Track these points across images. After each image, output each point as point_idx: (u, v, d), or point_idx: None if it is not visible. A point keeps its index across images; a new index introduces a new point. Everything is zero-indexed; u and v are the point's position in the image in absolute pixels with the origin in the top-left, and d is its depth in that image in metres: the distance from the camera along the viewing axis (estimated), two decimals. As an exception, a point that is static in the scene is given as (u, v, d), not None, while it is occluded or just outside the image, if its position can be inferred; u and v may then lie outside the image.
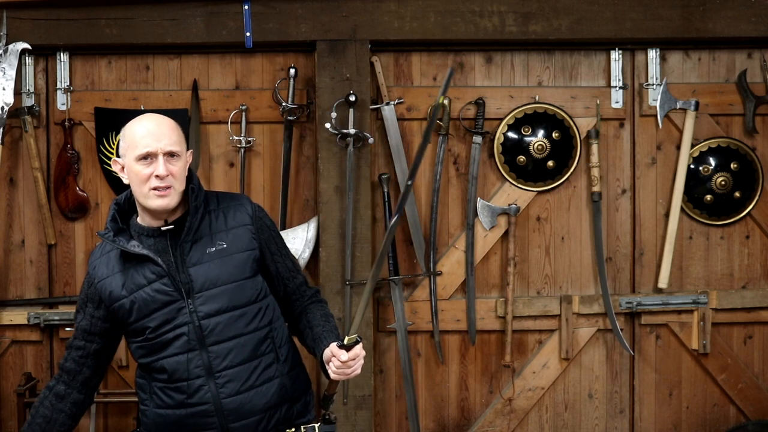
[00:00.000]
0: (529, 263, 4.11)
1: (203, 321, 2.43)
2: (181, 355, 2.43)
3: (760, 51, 4.11)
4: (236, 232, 2.51)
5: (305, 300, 2.64)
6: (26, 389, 3.79)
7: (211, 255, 2.46)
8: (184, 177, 2.49)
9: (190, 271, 2.44)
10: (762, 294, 4.13)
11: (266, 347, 2.50)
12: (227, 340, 2.44)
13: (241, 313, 2.47)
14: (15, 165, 3.97)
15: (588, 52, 4.08)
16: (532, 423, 4.15)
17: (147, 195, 2.43)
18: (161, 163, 2.41)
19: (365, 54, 3.87)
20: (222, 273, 2.46)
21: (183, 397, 2.44)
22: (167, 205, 2.43)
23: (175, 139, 2.47)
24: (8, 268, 3.99)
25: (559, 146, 4.05)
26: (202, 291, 2.43)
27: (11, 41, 3.78)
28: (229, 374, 2.44)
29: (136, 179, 2.45)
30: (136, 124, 2.50)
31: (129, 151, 2.46)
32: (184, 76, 4.02)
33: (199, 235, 2.48)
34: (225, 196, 2.63)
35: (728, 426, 4.16)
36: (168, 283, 2.43)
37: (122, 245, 2.45)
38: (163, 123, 2.49)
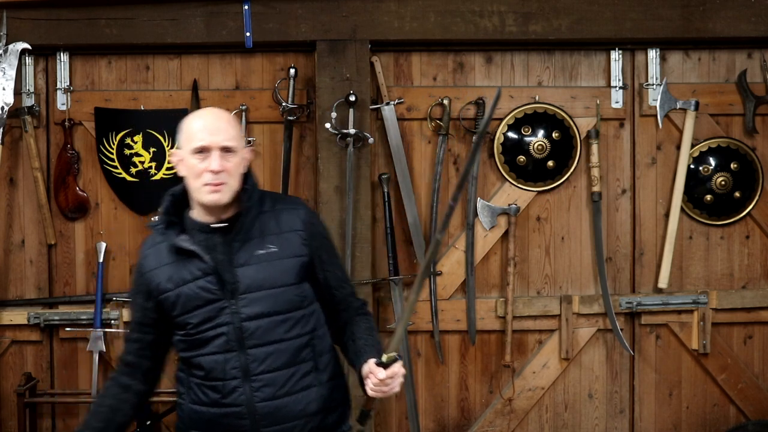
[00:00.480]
0: (529, 263, 4.11)
1: (244, 323, 2.40)
2: (219, 354, 2.41)
3: (760, 51, 4.11)
4: (287, 237, 2.47)
5: (351, 311, 2.59)
6: (26, 389, 3.79)
7: (259, 257, 2.42)
8: (239, 174, 2.43)
9: (237, 271, 2.41)
10: (762, 294, 4.13)
11: (306, 355, 2.47)
12: (267, 344, 2.41)
13: (284, 318, 2.44)
14: (15, 165, 3.97)
15: (588, 52, 4.08)
16: (532, 423, 4.15)
17: (200, 189, 2.40)
18: (215, 158, 2.37)
19: (365, 54, 3.87)
20: (268, 276, 2.42)
21: (218, 396, 2.43)
22: (219, 200, 2.39)
23: (232, 134, 2.43)
24: (8, 268, 3.99)
25: (559, 146, 4.05)
26: (246, 293, 2.40)
27: (11, 41, 3.78)
28: (266, 378, 2.41)
29: (190, 173, 2.41)
30: (195, 117, 2.47)
31: (185, 144, 2.43)
32: (184, 76, 4.02)
33: (249, 235, 2.44)
34: (281, 198, 2.61)
35: (728, 426, 4.16)
36: (213, 282, 2.40)
37: (171, 239, 2.43)
38: (221, 118, 2.45)
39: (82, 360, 4.01)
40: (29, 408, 3.82)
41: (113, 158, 3.97)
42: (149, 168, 3.98)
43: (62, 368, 4.01)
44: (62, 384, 4.01)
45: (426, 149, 4.05)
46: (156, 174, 3.98)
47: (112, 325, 3.93)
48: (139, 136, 3.97)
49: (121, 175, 3.98)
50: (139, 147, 3.97)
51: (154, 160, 3.98)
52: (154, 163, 3.98)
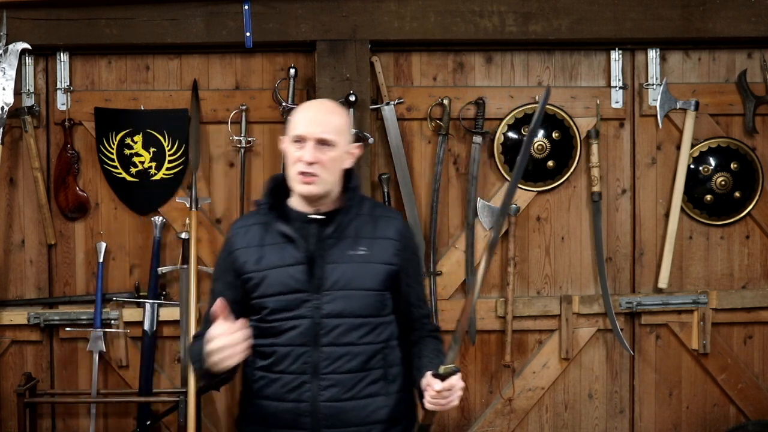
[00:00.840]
0: (529, 263, 4.11)
1: (324, 319, 2.40)
2: (292, 347, 2.40)
3: (760, 51, 4.11)
4: (381, 243, 2.49)
5: (423, 332, 2.61)
6: (26, 389, 3.79)
7: (351, 257, 2.44)
8: (336, 169, 2.44)
9: (327, 267, 2.42)
10: (762, 294, 4.13)
11: (376, 362, 2.47)
12: (341, 345, 2.41)
13: (363, 322, 2.44)
14: (15, 165, 3.97)
15: (588, 52, 4.09)
16: (532, 423, 4.15)
17: (294, 178, 2.43)
18: (309, 148, 2.40)
19: (365, 54, 3.87)
20: (356, 278, 2.43)
21: (283, 390, 2.43)
22: (309, 192, 2.41)
23: (332, 128, 2.43)
24: (8, 268, 3.99)
25: (559, 146, 4.05)
26: (331, 290, 2.41)
27: (11, 41, 3.78)
28: (334, 379, 2.41)
29: (288, 160, 2.45)
30: (302, 106, 2.53)
31: (288, 131, 2.47)
32: (184, 76, 4.02)
33: (344, 234, 2.45)
34: (379, 205, 2.65)
35: (728, 426, 4.16)
36: (303, 272, 2.41)
37: (269, 221, 2.46)
38: (325, 110, 2.48)
39: (82, 360, 4.01)
40: (29, 408, 3.81)
41: (113, 158, 3.96)
42: (149, 168, 3.98)
43: (62, 368, 4.01)
44: (62, 384, 4.01)
45: (426, 149, 4.05)
46: (156, 174, 3.98)
47: (112, 325, 3.93)
48: (139, 136, 3.97)
49: (121, 175, 3.98)
50: (139, 147, 3.97)
51: (154, 160, 3.98)
52: (154, 163, 3.98)
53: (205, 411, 4.00)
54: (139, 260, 4.02)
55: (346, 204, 2.46)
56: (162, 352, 4.02)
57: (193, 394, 3.70)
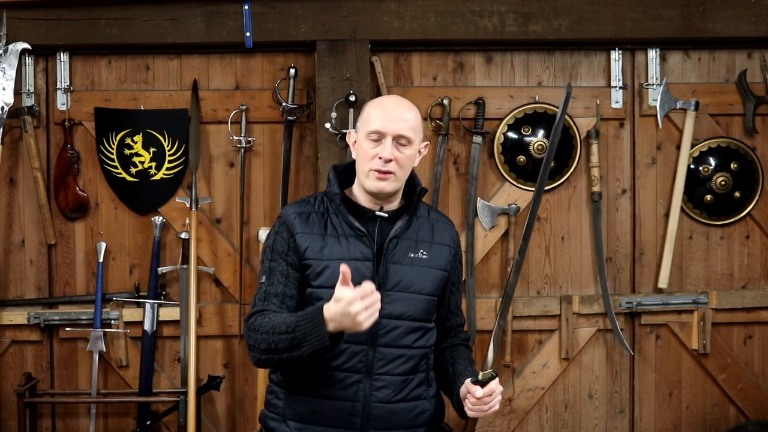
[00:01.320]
0: (529, 263, 4.11)
1: (384, 320, 2.36)
2: (349, 344, 2.35)
3: (760, 51, 4.11)
4: (439, 249, 2.48)
5: (457, 340, 2.62)
6: (26, 389, 3.79)
7: (412, 260, 2.42)
8: (409, 168, 2.44)
9: (390, 266, 2.40)
10: (762, 294, 4.13)
11: (423, 366, 2.47)
12: (397, 347, 2.40)
13: (419, 326, 2.43)
14: (15, 165, 3.97)
15: (588, 52, 4.09)
16: (532, 423, 4.15)
17: (367, 174, 2.39)
18: (388, 145, 2.36)
19: (365, 54, 3.87)
20: (416, 281, 2.42)
21: (334, 388, 2.38)
22: (383, 188, 2.39)
23: (411, 125, 2.41)
24: (8, 268, 3.99)
25: (559, 146, 4.04)
26: (392, 290, 2.39)
27: (11, 41, 3.78)
28: (387, 380, 2.39)
29: (362, 155, 2.41)
30: (377, 100, 2.49)
31: (362, 126, 2.43)
32: (184, 76, 4.02)
33: (406, 236, 2.44)
34: (434, 210, 2.63)
35: (728, 426, 4.16)
36: (370, 268, 2.38)
37: (334, 213, 2.42)
38: (402, 106, 2.44)
39: (82, 360, 4.01)
40: (29, 408, 3.81)
41: (113, 158, 3.96)
42: (149, 168, 3.98)
43: (62, 368, 4.01)
44: (62, 384, 4.01)
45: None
46: (156, 174, 3.98)
47: (112, 325, 3.93)
48: (139, 136, 3.97)
49: (121, 175, 3.98)
50: (139, 147, 3.97)
51: (154, 160, 3.98)
52: (154, 163, 3.98)
53: (205, 411, 4.00)
54: (139, 260, 4.02)
55: (414, 204, 2.45)
56: (162, 352, 4.02)
57: (193, 394, 3.70)
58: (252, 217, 4.03)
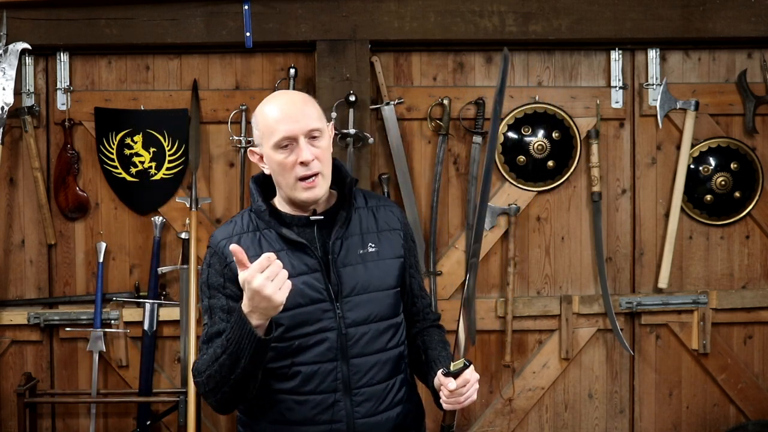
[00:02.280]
0: (529, 263, 4.11)
1: (350, 329, 2.17)
2: (320, 364, 2.17)
3: (760, 51, 4.11)
4: (387, 236, 2.27)
5: (426, 323, 2.40)
6: (26, 389, 3.79)
7: (362, 257, 2.22)
8: (330, 159, 2.20)
9: (341, 271, 2.19)
10: (762, 294, 4.13)
11: (403, 366, 2.28)
12: (370, 353, 2.20)
13: (387, 325, 2.24)
14: (15, 165, 3.97)
15: (588, 52, 4.09)
16: (532, 423, 4.15)
17: (294, 186, 2.16)
18: (304, 146, 2.13)
19: (365, 54, 3.87)
20: (372, 278, 2.21)
21: (313, 412, 2.18)
22: (317, 196, 2.17)
23: (315, 114, 2.17)
24: (8, 268, 3.99)
25: (559, 146, 4.05)
26: (350, 296, 2.18)
27: (11, 41, 3.78)
28: (367, 392, 2.21)
29: (278, 169, 2.16)
30: (267, 106, 2.20)
31: (265, 139, 2.17)
32: (184, 76, 4.02)
33: (349, 233, 2.22)
34: (371, 195, 2.37)
35: (728, 426, 4.16)
36: (320, 279, 2.16)
37: (265, 228, 2.19)
38: (297, 99, 2.20)
39: (82, 360, 4.01)
40: (29, 408, 3.81)
41: (113, 158, 3.96)
42: (149, 168, 3.98)
43: (62, 368, 4.01)
44: (62, 384, 4.01)
45: (426, 149, 4.05)
46: (156, 174, 3.98)
47: (112, 325, 3.93)
48: (139, 136, 3.97)
49: (121, 175, 3.98)
50: (139, 147, 3.97)
51: (154, 160, 3.98)
52: (154, 163, 3.98)
53: (205, 411, 4.00)
54: (139, 260, 4.02)
55: (344, 199, 2.24)
56: (162, 352, 4.02)
57: (193, 394, 3.70)
58: (252, 217, 4.02)
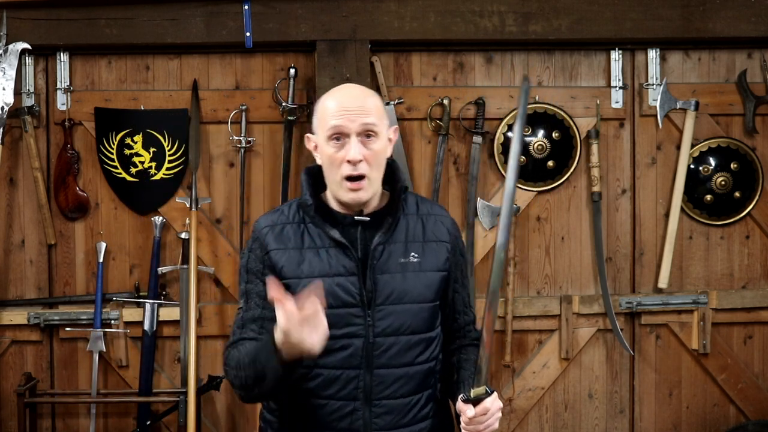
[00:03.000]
0: (529, 263, 4.11)
1: (378, 338, 2.10)
2: (343, 370, 2.10)
3: (760, 51, 4.11)
4: (432, 247, 2.19)
5: (466, 340, 2.30)
6: (26, 389, 3.79)
7: (403, 266, 2.13)
8: (383, 163, 2.13)
9: (378, 278, 2.11)
10: (762, 294, 4.13)
11: (430, 381, 2.19)
12: (397, 366, 2.12)
13: (419, 339, 2.15)
14: (15, 165, 3.97)
15: (588, 52, 4.09)
16: (532, 423, 4.15)
17: (339, 184, 2.10)
18: (354, 144, 2.07)
19: (365, 54, 3.87)
20: (410, 289, 2.13)
21: (330, 418, 2.12)
22: (360, 199, 2.10)
23: (374, 114, 2.10)
24: (8, 268, 3.99)
25: (559, 146, 4.05)
26: (384, 304, 2.11)
27: (11, 41, 3.78)
28: (388, 406, 2.12)
29: (327, 162, 2.11)
30: (330, 96, 2.16)
31: (320, 129, 2.14)
32: (184, 76, 4.02)
33: (393, 239, 2.15)
34: (424, 201, 2.28)
35: (728, 426, 4.16)
36: (355, 284, 2.10)
37: (310, 222, 2.14)
38: (360, 95, 2.14)
39: (82, 360, 4.00)
40: (29, 408, 3.81)
41: (113, 158, 3.96)
42: (149, 168, 3.98)
43: (62, 368, 4.01)
44: (62, 384, 4.01)
45: (426, 149, 4.05)
46: (156, 174, 3.98)
47: (112, 325, 3.93)
48: (139, 136, 3.96)
49: (121, 175, 3.98)
50: (139, 147, 3.97)
51: (154, 160, 3.98)
52: (154, 163, 3.98)
53: (205, 411, 4.00)
54: (139, 260, 4.02)
55: (393, 204, 2.16)
56: (162, 352, 4.02)
57: (193, 394, 3.70)
58: (252, 217, 4.02)
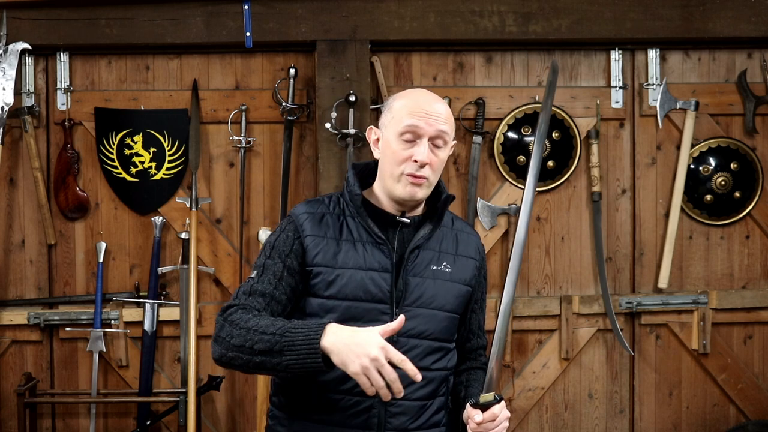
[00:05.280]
0: (529, 263, 4.11)
1: (402, 338, 2.11)
2: None
3: (760, 51, 4.11)
4: (463, 262, 2.24)
5: (476, 363, 2.34)
6: (26, 389, 3.79)
7: (434, 273, 2.18)
8: (440, 171, 2.18)
9: (410, 279, 2.15)
10: (762, 294, 4.13)
11: (442, 390, 2.22)
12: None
13: (439, 347, 2.19)
14: (15, 165, 3.97)
15: (588, 52, 4.09)
16: (532, 423, 4.15)
17: (398, 178, 2.13)
18: (425, 147, 2.10)
19: (365, 54, 3.87)
20: (438, 296, 2.17)
21: (344, 415, 2.12)
22: (416, 195, 2.13)
23: (448, 123, 2.14)
24: (8, 268, 3.99)
25: (559, 146, 4.05)
26: (412, 306, 2.14)
27: (11, 41, 3.78)
28: (404, 406, 2.14)
29: (391, 157, 2.13)
30: (408, 95, 2.18)
31: (392, 124, 2.14)
32: (184, 76, 4.02)
33: (428, 246, 2.19)
34: (458, 219, 2.34)
35: (728, 426, 4.16)
36: (387, 280, 2.13)
37: (351, 216, 2.18)
38: (439, 100, 2.17)
39: (82, 360, 4.01)
40: (29, 408, 3.81)
41: (113, 158, 3.97)
42: (149, 168, 3.98)
43: (62, 368, 4.01)
44: (62, 384, 4.01)
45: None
46: (156, 174, 3.98)
47: (112, 325, 3.93)
48: (139, 136, 3.97)
49: (121, 175, 3.98)
50: (139, 147, 3.97)
51: (154, 160, 3.98)
52: (154, 163, 3.98)
53: (205, 411, 4.00)
54: (139, 260, 4.02)
55: (437, 213, 2.20)
56: (162, 352, 4.02)
57: (193, 394, 3.70)
58: (252, 217, 4.03)
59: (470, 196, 4.03)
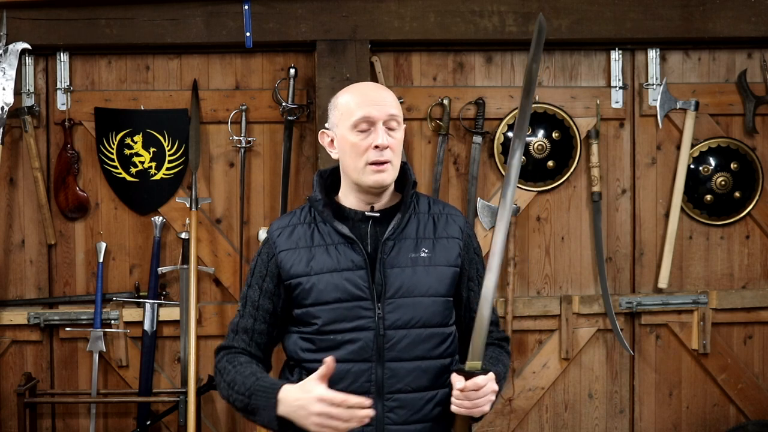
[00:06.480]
0: (529, 263, 4.11)
1: (389, 331, 2.12)
2: (354, 363, 2.12)
3: (760, 51, 4.11)
4: (443, 244, 2.22)
5: (488, 339, 2.21)
6: (26, 389, 3.79)
7: (413, 260, 2.17)
8: (401, 153, 2.20)
9: (387, 271, 2.15)
10: (762, 294, 4.13)
11: (446, 379, 2.16)
12: (409, 359, 2.14)
13: (431, 333, 2.16)
14: (15, 165, 3.97)
15: (588, 52, 4.09)
16: (532, 423, 4.15)
17: (362, 170, 2.15)
18: (381, 131, 2.13)
19: (365, 54, 3.87)
20: (420, 283, 2.16)
21: None
22: (384, 180, 2.15)
23: (395, 106, 2.18)
24: (8, 268, 3.99)
25: (559, 146, 4.05)
26: (394, 297, 2.14)
27: (11, 41, 3.78)
28: (401, 399, 2.13)
29: (351, 151, 2.16)
30: (352, 90, 2.22)
31: (343, 120, 2.17)
32: (184, 76, 4.02)
33: (404, 235, 2.19)
34: (437, 201, 2.33)
35: (728, 426, 4.16)
36: (364, 277, 2.13)
37: (321, 220, 2.19)
38: (381, 88, 2.24)
39: (82, 360, 4.01)
40: (29, 408, 3.81)
41: (113, 158, 3.97)
42: (149, 168, 3.98)
43: (62, 368, 4.01)
44: (62, 384, 4.01)
45: (426, 149, 4.05)
46: (156, 174, 3.98)
47: (112, 325, 3.93)
48: (139, 136, 3.97)
49: (121, 175, 3.98)
50: (139, 147, 3.97)
51: (154, 160, 3.98)
52: (154, 163, 3.98)
53: (205, 411, 4.00)
54: (139, 260, 4.02)
55: (404, 201, 2.21)
56: (162, 352, 4.02)
57: (193, 394, 3.70)
58: (252, 217, 4.03)
59: (470, 196, 4.03)
